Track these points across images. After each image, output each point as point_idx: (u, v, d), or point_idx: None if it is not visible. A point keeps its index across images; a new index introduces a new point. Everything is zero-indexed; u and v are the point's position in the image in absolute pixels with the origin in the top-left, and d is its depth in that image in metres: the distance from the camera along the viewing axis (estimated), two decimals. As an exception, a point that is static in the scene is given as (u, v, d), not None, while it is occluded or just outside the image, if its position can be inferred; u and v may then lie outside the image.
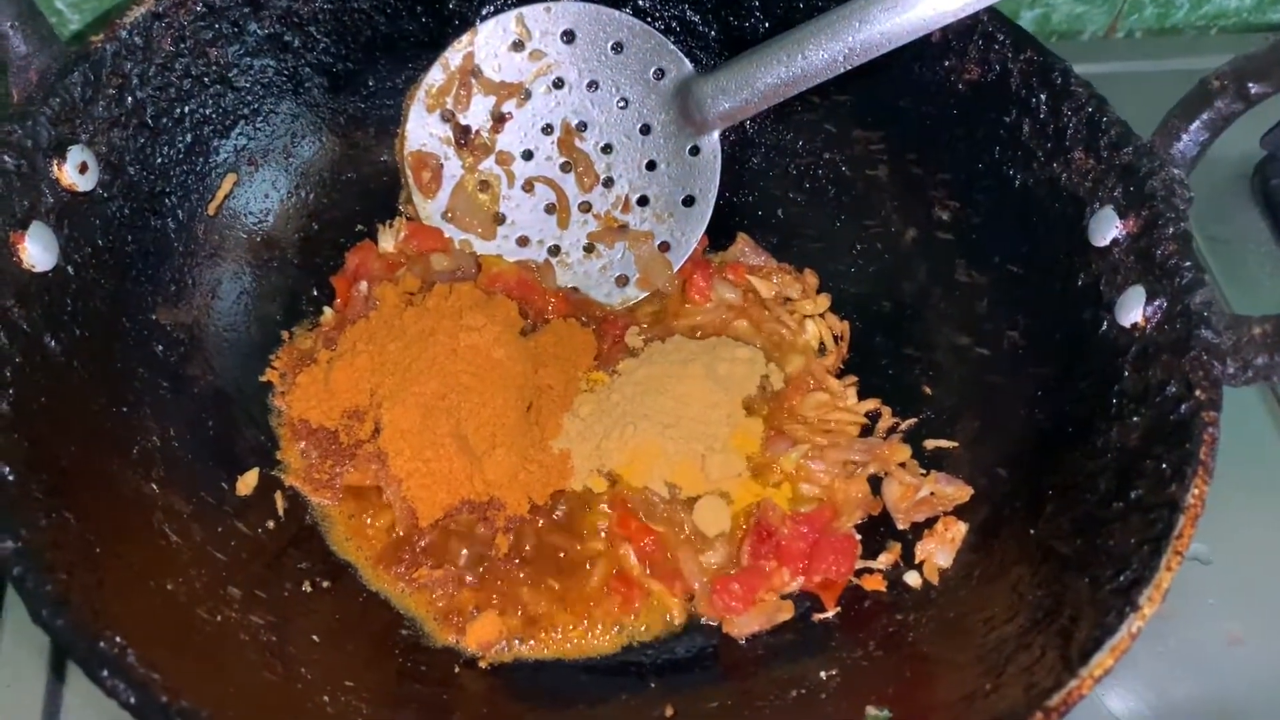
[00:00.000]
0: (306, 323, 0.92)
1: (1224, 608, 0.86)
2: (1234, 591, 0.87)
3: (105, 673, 0.56)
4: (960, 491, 0.83)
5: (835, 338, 0.95)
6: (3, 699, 0.79)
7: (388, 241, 0.95)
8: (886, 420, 0.90)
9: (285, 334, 0.90)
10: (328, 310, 0.93)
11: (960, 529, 0.82)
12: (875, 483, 0.87)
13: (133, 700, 0.56)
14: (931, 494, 0.84)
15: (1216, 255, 1.07)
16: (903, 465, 0.87)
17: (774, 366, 0.93)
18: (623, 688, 0.78)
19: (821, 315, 0.96)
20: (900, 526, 0.84)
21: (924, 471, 0.86)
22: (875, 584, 0.82)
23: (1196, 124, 0.77)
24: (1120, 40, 1.30)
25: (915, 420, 0.89)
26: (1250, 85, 0.76)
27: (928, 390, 0.90)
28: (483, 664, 0.78)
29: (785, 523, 0.83)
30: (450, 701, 0.75)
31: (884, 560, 0.83)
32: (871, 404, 0.91)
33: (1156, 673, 0.84)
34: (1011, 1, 1.22)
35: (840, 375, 0.94)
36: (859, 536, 0.85)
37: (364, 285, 0.91)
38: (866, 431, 0.90)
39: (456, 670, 0.78)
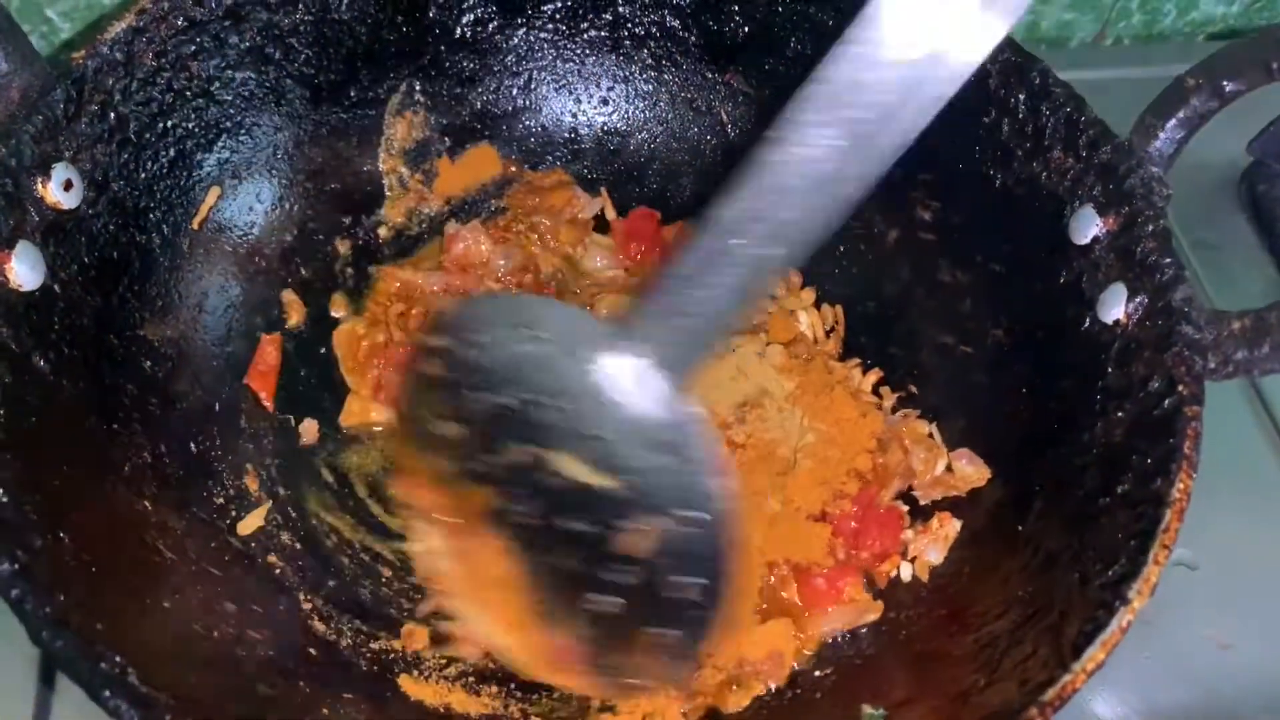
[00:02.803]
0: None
1: (1211, 613, 0.87)
2: (1221, 596, 0.87)
3: (107, 693, 0.56)
4: (980, 473, 0.83)
5: (827, 331, 0.96)
6: (-8, 710, 0.78)
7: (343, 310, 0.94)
8: (889, 399, 0.91)
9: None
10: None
11: (954, 526, 0.82)
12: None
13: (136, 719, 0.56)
14: (950, 470, 0.85)
15: (1204, 260, 1.08)
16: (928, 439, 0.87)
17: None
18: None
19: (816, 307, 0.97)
20: (922, 502, 0.85)
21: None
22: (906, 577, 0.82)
23: (1173, 122, 0.78)
24: (1108, 47, 1.31)
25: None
26: (1224, 83, 0.77)
27: (913, 390, 0.91)
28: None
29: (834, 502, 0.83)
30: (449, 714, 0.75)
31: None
32: (874, 376, 0.92)
33: (1144, 678, 0.84)
34: None
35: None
36: (905, 508, 0.85)
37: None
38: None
39: (455, 682, 0.78)
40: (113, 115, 0.79)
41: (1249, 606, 0.87)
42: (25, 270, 0.71)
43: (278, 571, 0.80)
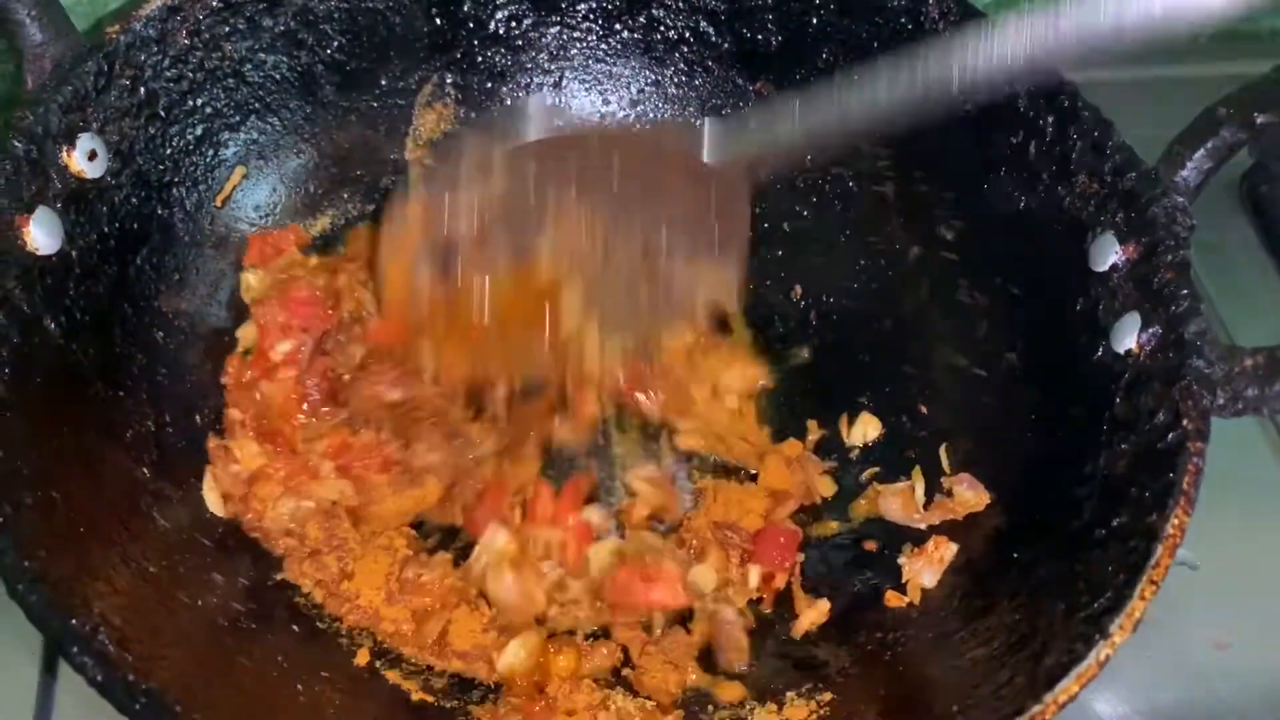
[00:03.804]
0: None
1: (1211, 613, 0.86)
2: (1221, 597, 0.87)
3: (75, 649, 0.57)
4: (979, 498, 0.82)
5: None
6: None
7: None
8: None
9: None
10: None
11: (950, 549, 0.81)
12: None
13: (99, 678, 0.57)
14: (950, 495, 0.84)
15: (1205, 262, 1.04)
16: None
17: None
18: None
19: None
20: (921, 528, 0.84)
21: (946, 472, 0.86)
22: (897, 600, 0.81)
23: (1201, 153, 0.77)
24: None
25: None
26: (1256, 115, 0.76)
27: (923, 409, 0.90)
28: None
29: None
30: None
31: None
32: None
33: (1143, 678, 0.84)
34: (999, 9, 1.21)
35: (836, 397, 0.94)
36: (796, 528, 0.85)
37: None
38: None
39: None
40: (143, 90, 0.81)
41: (1249, 607, 0.87)
42: (42, 235, 0.73)
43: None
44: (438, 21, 0.95)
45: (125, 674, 0.57)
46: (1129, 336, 0.74)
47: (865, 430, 0.91)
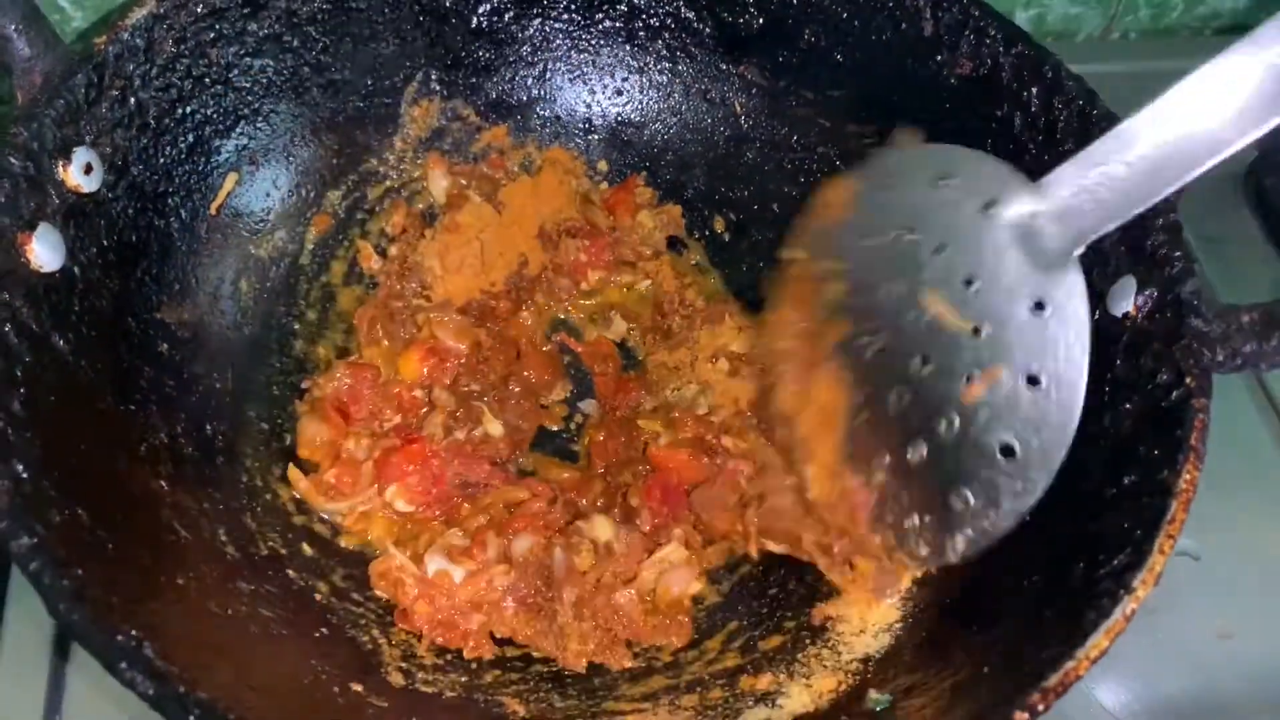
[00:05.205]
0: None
1: (1213, 603, 0.88)
2: (1223, 586, 0.88)
3: (124, 665, 0.57)
4: None
5: None
6: (7, 686, 0.79)
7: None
8: None
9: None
10: None
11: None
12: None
13: (151, 692, 0.57)
14: None
15: (1209, 255, 1.08)
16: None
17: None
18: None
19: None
20: None
21: None
22: None
23: (1187, 118, 0.78)
24: (1115, 41, 1.32)
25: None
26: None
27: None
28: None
29: None
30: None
31: None
32: None
33: (1146, 666, 0.85)
34: (1006, 1, 1.23)
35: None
36: None
37: None
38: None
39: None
40: (133, 100, 0.80)
41: (1250, 597, 0.88)
42: (46, 252, 0.72)
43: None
44: (421, 19, 0.95)
45: (177, 686, 0.57)
46: (1125, 299, 0.75)
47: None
